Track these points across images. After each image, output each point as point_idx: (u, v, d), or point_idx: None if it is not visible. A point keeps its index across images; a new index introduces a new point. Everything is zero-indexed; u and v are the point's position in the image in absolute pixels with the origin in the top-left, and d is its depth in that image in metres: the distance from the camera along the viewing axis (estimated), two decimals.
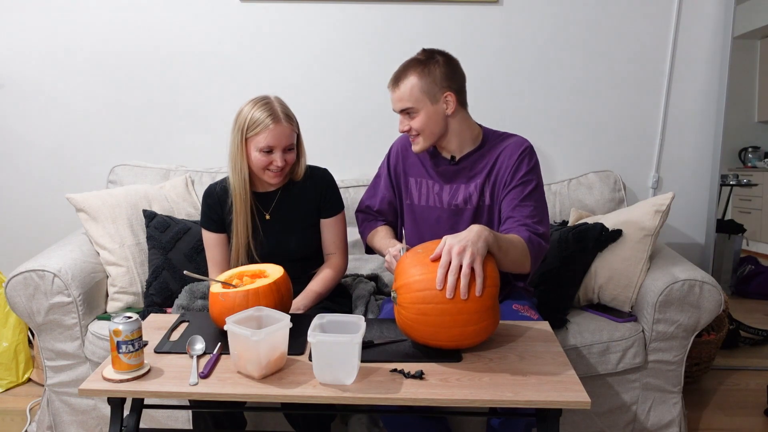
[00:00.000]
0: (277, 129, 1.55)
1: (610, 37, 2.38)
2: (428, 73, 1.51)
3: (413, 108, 1.52)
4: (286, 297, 1.38)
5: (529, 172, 1.55)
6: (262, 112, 1.55)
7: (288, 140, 1.59)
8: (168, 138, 2.47)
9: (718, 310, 1.76)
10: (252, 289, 1.31)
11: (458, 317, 1.20)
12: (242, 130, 1.57)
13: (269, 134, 1.55)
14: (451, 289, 1.19)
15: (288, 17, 2.37)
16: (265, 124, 1.55)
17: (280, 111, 1.57)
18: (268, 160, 1.58)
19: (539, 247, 1.47)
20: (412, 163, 1.71)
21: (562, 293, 1.90)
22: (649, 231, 1.88)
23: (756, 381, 2.37)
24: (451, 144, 1.60)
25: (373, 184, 1.82)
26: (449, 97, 1.53)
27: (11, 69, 2.41)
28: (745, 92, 3.53)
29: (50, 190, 2.50)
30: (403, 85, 1.52)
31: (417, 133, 1.55)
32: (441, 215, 1.64)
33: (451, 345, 1.24)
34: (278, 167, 1.58)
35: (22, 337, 2.28)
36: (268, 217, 1.69)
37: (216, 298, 1.32)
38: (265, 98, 1.60)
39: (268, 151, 1.57)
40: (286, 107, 1.61)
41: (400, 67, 1.56)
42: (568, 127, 2.46)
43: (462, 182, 1.62)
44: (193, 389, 1.12)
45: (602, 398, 1.84)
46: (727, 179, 3.21)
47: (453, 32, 2.37)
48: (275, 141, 1.56)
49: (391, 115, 2.47)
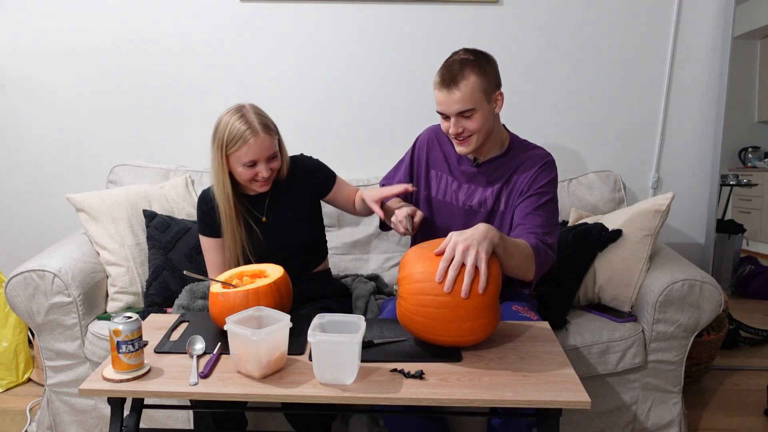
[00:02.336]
0: (257, 142, 1.51)
1: (610, 37, 2.38)
2: (485, 72, 1.48)
3: (473, 109, 1.47)
4: (286, 297, 1.38)
5: (546, 184, 1.55)
6: (239, 126, 1.50)
7: (270, 150, 1.54)
8: (168, 138, 2.47)
9: (718, 310, 1.76)
10: (252, 289, 1.31)
11: (457, 311, 1.20)
12: (221, 147, 1.52)
13: (250, 148, 1.50)
14: (450, 283, 1.19)
15: (288, 17, 2.37)
16: (244, 139, 1.49)
17: (257, 123, 1.51)
18: (253, 172, 1.54)
19: (546, 256, 1.47)
20: (436, 156, 1.70)
21: (562, 293, 1.90)
22: (649, 231, 1.88)
23: (756, 381, 2.37)
24: (485, 146, 1.59)
25: (395, 167, 1.83)
26: (499, 96, 1.53)
27: (11, 69, 2.41)
28: (745, 92, 3.53)
29: (50, 190, 2.50)
30: (463, 86, 1.45)
31: (471, 134, 1.51)
32: (455, 213, 1.65)
33: (449, 341, 1.24)
34: (264, 178, 1.56)
35: (22, 337, 2.28)
36: (264, 219, 1.68)
37: (216, 298, 1.32)
38: (240, 110, 1.53)
39: (251, 164, 1.53)
40: (263, 116, 1.56)
41: (452, 68, 1.47)
42: (568, 127, 2.46)
43: (480, 185, 1.62)
44: (193, 389, 1.12)
45: (602, 398, 1.84)
46: (727, 179, 3.21)
47: (453, 32, 2.37)
48: (257, 154, 1.52)
49: (390, 113, 2.47)
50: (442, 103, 1.49)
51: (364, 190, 1.72)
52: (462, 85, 1.45)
